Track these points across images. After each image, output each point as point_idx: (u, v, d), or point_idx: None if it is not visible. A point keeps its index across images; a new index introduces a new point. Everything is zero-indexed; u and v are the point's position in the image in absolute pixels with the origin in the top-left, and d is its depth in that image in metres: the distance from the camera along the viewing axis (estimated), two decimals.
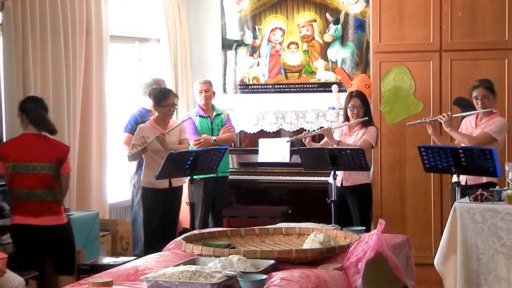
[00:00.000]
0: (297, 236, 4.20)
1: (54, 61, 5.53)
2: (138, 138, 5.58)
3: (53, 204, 4.68)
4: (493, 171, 4.79)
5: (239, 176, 6.81)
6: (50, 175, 4.66)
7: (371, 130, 5.76)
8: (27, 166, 4.61)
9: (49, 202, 4.66)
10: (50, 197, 4.66)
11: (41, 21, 5.39)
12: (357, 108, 5.76)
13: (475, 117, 5.40)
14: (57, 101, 5.53)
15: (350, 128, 5.87)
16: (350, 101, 5.80)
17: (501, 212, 4.51)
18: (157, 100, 5.73)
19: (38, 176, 4.62)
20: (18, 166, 4.62)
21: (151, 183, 5.63)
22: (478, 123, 5.36)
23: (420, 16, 6.10)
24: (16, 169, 4.62)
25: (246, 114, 7.09)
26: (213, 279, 3.11)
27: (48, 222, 4.64)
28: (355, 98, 5.81)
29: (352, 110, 5.77)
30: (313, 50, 7.18)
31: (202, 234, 4.16)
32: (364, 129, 5.76)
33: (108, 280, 3.20)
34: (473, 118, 5.41)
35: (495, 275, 4.52)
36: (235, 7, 7.39)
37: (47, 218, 4.63)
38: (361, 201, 5.78)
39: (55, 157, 4.67)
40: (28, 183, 4.61)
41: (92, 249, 5.43)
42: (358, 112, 5.76)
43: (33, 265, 4.61)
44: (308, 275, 3.31)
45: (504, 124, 5.32)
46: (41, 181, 4.63)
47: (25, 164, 4.61)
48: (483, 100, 5.27)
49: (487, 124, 5.29)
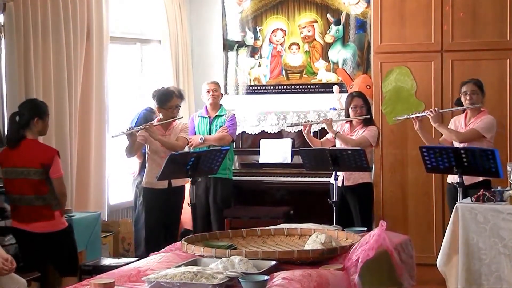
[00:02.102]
0: (299, 237, 4.20)
1: (56, 62, 5.54)
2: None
3: (44, 209, 4.58)
4: (495, 171, 4.79)
5: (241, 177, 6.81)
6: (38, 180, 4.56)
7: (372, 129, 5.79)
8: (16, 171, 4.57)
9: (39, 207, 4.57)
10: (40, 202, 4.57)
11: (43, 22, 5.39)
12: (359, 108, 5.79)
13: (464, 116, 5.40)
14: (58, 102, 5.54)
15: (352, 128, 5.89)
16: (352, 101, 5.82)
17: (503, 212, 4.51)
18: (160, 102, 5.73)
19: (26, 181, 4.55)
20: (9, 171, 4.60)
21: (150, 183, 5.67)
22: (467, 122, 5.36)
23: (421, 16, 6.10)
24: (7, 174, 4.62)
25: (248, 115, 7.09)
26: (215, 280, 3.11)
27: (40, 229, 4.55)
28: (356, 98, 5.84)
29: (355, 110, 5.79)
30: (314, 50, 7.18)
31: (204, 235, 4.16)
32: (365, 128, 5.78)
33: (110, 281, 3.19)
34: (463, 118, 5.41)
35: (497, 275, 4.51)
36: (236, 8, 7.39)
37: (39, 225, 4.55)
38: (362, 201, 5.78)
39: (38, 162, 4.54)
40: (18, 188, 4.58)
41: (94, 250, 5.43)
42: (361, 111, 5.79)
43: (34, 267, 4.60)
44: (309, 274, 3.31)
45: (492, 121, 5.30)
46: (29, 186, 4.55)
47: (14, 169, 4.57)
48: (472, 95, 5.28)
49: (475, 122, 5.29)
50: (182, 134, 5.82)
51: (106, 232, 5.76)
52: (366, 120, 5.81)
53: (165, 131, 5.77)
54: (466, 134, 5.28)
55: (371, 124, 5.83)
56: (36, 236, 4.55)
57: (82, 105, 5.89)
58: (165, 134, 5.75)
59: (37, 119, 4.59)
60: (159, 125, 5.72)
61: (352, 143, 5.68)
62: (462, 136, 5.28)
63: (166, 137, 5.72)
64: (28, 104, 4.71)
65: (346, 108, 5.90)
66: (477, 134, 5.24)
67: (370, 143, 5.76)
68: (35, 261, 4.60)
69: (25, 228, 4.57)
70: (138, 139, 5.65)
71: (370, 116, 5.85)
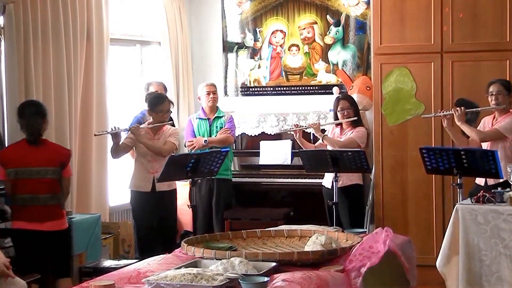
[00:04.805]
0: (299, 238, 4.19)
1: (56, 63, 5.54)
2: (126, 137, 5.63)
3: (56, 208, 4.70)
4: (495, 172, 4.79)
5: (241, 178, 6.82)
6: (53, 179, 4.66)
7: (360, 130, 5.88)
8: (30, 171, 4.61)
9: (52, 206, 4.67)
10: (54, 201, 4.67)
11: (43, 24, 5.39)
12: (346, 110, 5.90)
13: (492, 117, 5.37)
14: (58, 104, 5.54)
15: (342, 130, 5.99)
16: (339, 105, 5.94)
17: (504, 213, 4.51)
18: (151, 105, 5.69)
19: (42, 181, 4.62)
20: (20, 172, 4.61)
21: (137, 186, 5.67)
22: (494, 123, 5.33)
23: (421, 17, 6.10)
24: (18, 175, 4.61)
25: (247, 116, 7.09)
26: (215, 281, 3.11)
27: (52, 227, 4.64)
28: (342, 100, 5.97)
29: (342, 112, 5.91)
30: (314, 52, 7.18)
31: (204, 236, 4.16)
32: (353, 129, 5.86)
33: (110, 282, 3.19)
34: (491, 118, 5.38)
35: (497, 276, 4.51)
36: (236, 9, 7.39)
37: (51, 224, 4.64)
38: (351, 202, 5.81)
39: (59, 161, 4.69)
40: (32, 188, 4.61)
41: (94, 251, 5.43)
42: (349, 113, 5.90)
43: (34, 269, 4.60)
44: (310, 276, 3.31)
45: None
46: (45, 186, 4.63)
47: (28, 169, 4.61)
48: (497, 96, 5.24)
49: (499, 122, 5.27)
50: (171, 139, 5.68)
51: (106, 233, 5.76)
52: (355, 121, 5.87)
53: (154, 135, 5.69)
54: (487, 133, 5.24)
55: (359, 126, 5.89)
56: (45, 235, 4.60)
57: (83, 107, 5.89)
58: (153, 138, 5.66)
59: (45, 119, 4.71)
60: (148, 128, 5.64)
61: (339, 145, 5.74)
62: (483, 135, 5.24)
63: (153, 141, 5.64)
64: (40, 104, 4.80)
65: (334, 111, 6.01)
66: (498, 134, 5.19)
67: (358, 144, 5.80)
68: (35, 260, 4.60)
69: (36, 228, 4.59)
70: (126, 141, 5.61)
71: (357, 118, 5.91)
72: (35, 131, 4.64)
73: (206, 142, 6.22)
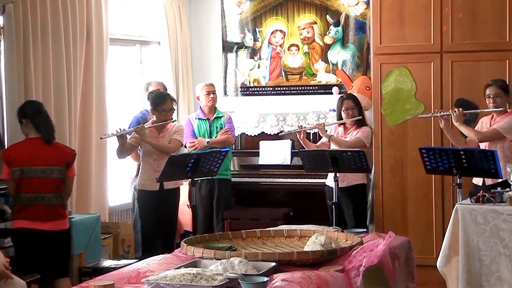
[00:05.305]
0: (299, 238, 4.20)
1: (55, 63, 5.54)
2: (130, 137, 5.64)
3: (59, 208, 4.72)
4: (494, 172, 4.79)
5: (240, 178, 6.82)
6: (58, 178, 4.69)
7: (365, 130, 5.89)
8: (36, 170, 4.63)
9: (56, 206, 4.69)
10: (58, 201, 4.70)
11: (42, 24, 5.39)
12: (351, 109, 5.91)
13: (490, 117, 5.37)
14: (58, 104, 5.54)
15: (345, 130, 5.99)
16: (343, 104, 5.94)
17: (503, 213, 4.50)
18: (154, 104, 5.71)
19: (47, 180, 4.65)
20: (26, 171, 4.62)
21: (143, 185, 5.69)
22: (492, 123, 5.32)
23: (420, 17, 6.10)
24: (24, 174, 4.63)
25: (247, 116, 7.09)
26: (215, 281, 3.11)
27: (54, 227, 4.66)
28: (347, 100, 5.97)
29: (347, 112, 5.91)
30: (313, 52, 7.18)
31: (203, 236, 4.16)
32: (359, 129, 5.86)
33: (110, 282, 3.19)
34: (489, 119, 5.38)
35: (497, 276, 4.51)
36: (235, 9, 7.39)
37: (54, 223, 4.66)
38: (355, 202, 5.81)
39: (65, 161, 4.73)
40: (37, 187, 4.63)
41: (94, 251, 5.43)
42: (353, 113, 5.92)
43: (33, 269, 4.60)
44: (309, 275, 3.31)
45: None
46: (50, 185, 4.66)
47: (33, 168, 4.63)
48: (495, 98, 5.23)
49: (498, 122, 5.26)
50: (176, 136, 5.75)
51: (106, 233, 5.76)
52: (359, 121, 5.88)
53: (159, 133, 5.73)
54: (486, 134, 5.23)
55: (363, 125, 5.90)
56: (47, 235, 4.61)
57: (82, 107, 5.89)
58: (158, 137, 5.71)
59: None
60: (152, 127, 5.68)
61: (346, 145, 5.73)
62: (482, 135, 5.23)
63: (158, 140, 5.68)
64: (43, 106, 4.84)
65: (338, 111, 6.01)
66: (497, 134, 5.17)
67: (364, 143, 5.81)
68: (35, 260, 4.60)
69: (39, 227, 4.60)
70: (131, 141, 5.65)
71: (362, 117, 5.91)
72: (53, 130, 4.72)
73: (209, 143, 6.21)
